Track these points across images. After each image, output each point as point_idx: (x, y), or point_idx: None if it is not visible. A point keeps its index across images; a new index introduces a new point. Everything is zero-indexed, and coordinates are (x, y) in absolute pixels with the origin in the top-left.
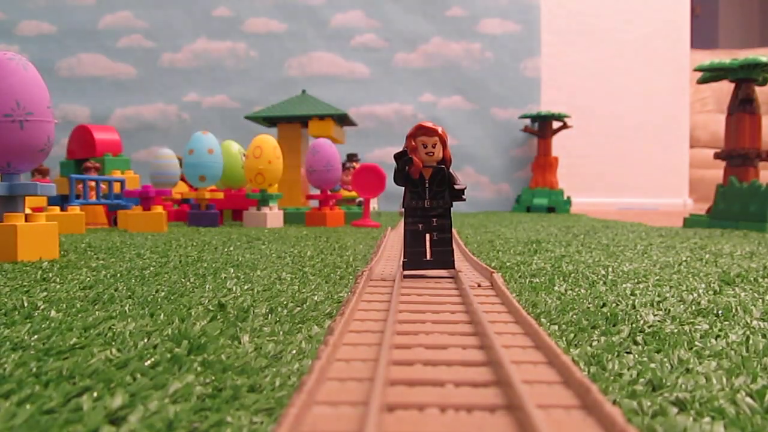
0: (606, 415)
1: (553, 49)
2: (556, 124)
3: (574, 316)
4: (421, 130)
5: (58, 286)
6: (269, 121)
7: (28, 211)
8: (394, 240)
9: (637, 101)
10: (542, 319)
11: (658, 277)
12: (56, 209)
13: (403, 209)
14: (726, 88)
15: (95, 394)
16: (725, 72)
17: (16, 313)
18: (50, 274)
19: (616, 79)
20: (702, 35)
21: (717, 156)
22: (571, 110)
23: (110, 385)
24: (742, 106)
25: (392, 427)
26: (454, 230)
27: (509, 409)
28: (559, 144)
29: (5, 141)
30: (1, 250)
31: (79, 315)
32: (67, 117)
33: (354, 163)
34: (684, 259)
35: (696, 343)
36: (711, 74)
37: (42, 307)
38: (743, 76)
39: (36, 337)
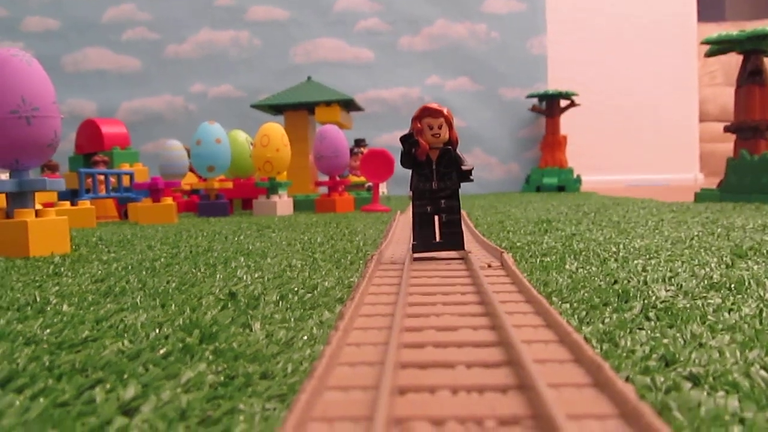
0: (618, 392)
1: (558, 26)
2: (563, 103)
3: (586, 294)
4: (426, 112)
5: (69, 280)
6: (276, 109)
7: (38, 206)
8: (403, 223)
9: (645, 76)
10: (553, 298)
11: (669, 253)
12: (66, 204)
13: (411, 192)
14: (734, 60)
15: (108, 386)
16: (733, 44)
17: (29, 308)
18: (62, 269)
19: (624, 55)
20: (709, 8)
21: (727, 129)
22: (578, 88)
23: (123, 376)
24: (751, 78)
25: (404, 410)
26: (463, 212)
27: (521, 389)
28: (567, 122)
29: (12, 137)
30: (13, 245)
31: (91, 308)
32: (74, 112)
33: (362, 149)
34: (695, 233)
35: (709, 317)
36: (719, 47)
37: (54, 301)
38: (751, 48)
39: (48, 331)
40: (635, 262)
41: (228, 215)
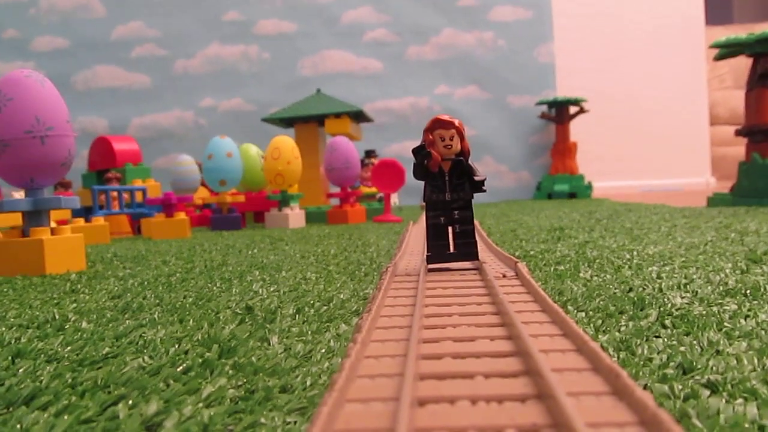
0: (637, 400)
1: (566, 33)
2: (573, 109)
3: (601, 302)
4: (437, 124)
5: (87, 297)
6: (286, 121)
7: (53, 224)
8: (416, 234)
9: (654, 81)
10: (569, 307)
11: (683, 259)
12: (81, 221)
13: (424, 203)
14: (744, 63)
15: (130, 402)
16: (742, 47)
17: (48, 325)
18: (79, 286)
19: (632, 60)
20: (716, 11)
21: (738, 133)
22: (587, 94)
23: (144, 392)
24: (761, 80)
25: (424, 421)
26: (476, 221)
27: (540, 398)
28: (577, 129)
29: (27, 157)
30: (30, 264)
31: (110, 324)
32: (85, 129)
33: (372, 159)
34: (709, 239)
35: (725, 324)
36: (728, 50)
37: (73, 318)
38: (761, 51)
39: (69, 348)
40: (649, 269)
41: (240, 229)
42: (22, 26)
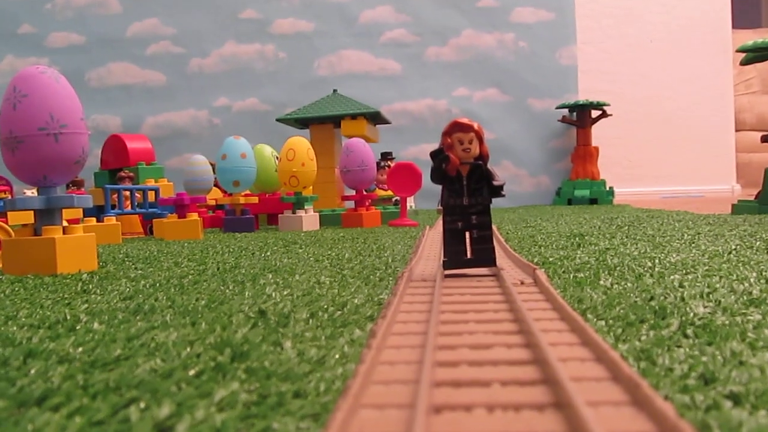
0: (657, 411)
1: (589, 35)
2: (595, 113)
3: (621, 311)
4: (456, 127)
5: (98, 298)
6: (301, 122)
7: (64, 223)
8: (432, 238)
9: (679, 85)
10: (588, 315)
11: (707, 267)
12: (92, 220)
13: (440, 207)
14: None
15: (142, 405)
16: None
17: (60, 326)
18: (90, 286)
19: (656, 64)
20: (744, 14)
21: (765, 139)
22: (610, 98)
23: (156, 395)
24: None
25: (440, 428)
26: (494, 226)
27: (558, 407)
28: (599, 133)
29: (41, 154)
30: (41, 263)
31: (122, 326)
32: (98, 127)
33: (389, 162)
34: (734, 247)
35: (749, 334)
36: (755, 54)
37: (84, 319)
38: None
39: (81, 349)
40: (671, 277)
41: (254, 231)
42: (37, 22)
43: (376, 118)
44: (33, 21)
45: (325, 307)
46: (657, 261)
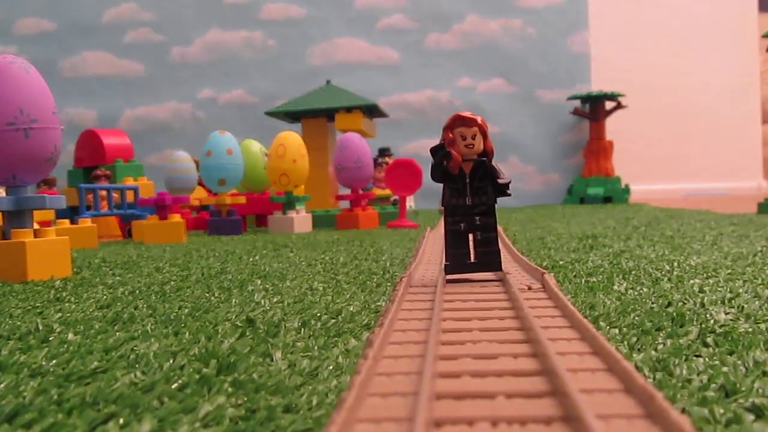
0: (673, 424)
1: (603, 20)
2: (609, 105)
3: (637, 318)
4: (458, 121)
5: (73, 306)
6: (292, 116)
7: (35, 226)
8: (433, 241)
9: (700, 74)
10: (601, 323)
11: (729, 271)
12: (66, 222)
13: (442, 207)
14: None
15: (122, 421)
16: None
17: (31, 336)
18: (64, 294)
19: (676, 51)
20: None
21: None
22: (625, 88)
23: (137, 410)
24: None
25: None
26: (499, 228)
27: (566, 420)
28: (613, 126)
29: (10, 151)
30: (10, 269)
31: (99, 337)
32: (72, 121)
33: (387, 159)
34: (759, 249)
35: None
36: None
37: (58, 329)
38: None
39: (54, 362)
40: (691, 281)
41: (241, 233)
42: (4, 6)
43: (372, 111)
44: None
45: (318, 315)
46: (676, 264)
